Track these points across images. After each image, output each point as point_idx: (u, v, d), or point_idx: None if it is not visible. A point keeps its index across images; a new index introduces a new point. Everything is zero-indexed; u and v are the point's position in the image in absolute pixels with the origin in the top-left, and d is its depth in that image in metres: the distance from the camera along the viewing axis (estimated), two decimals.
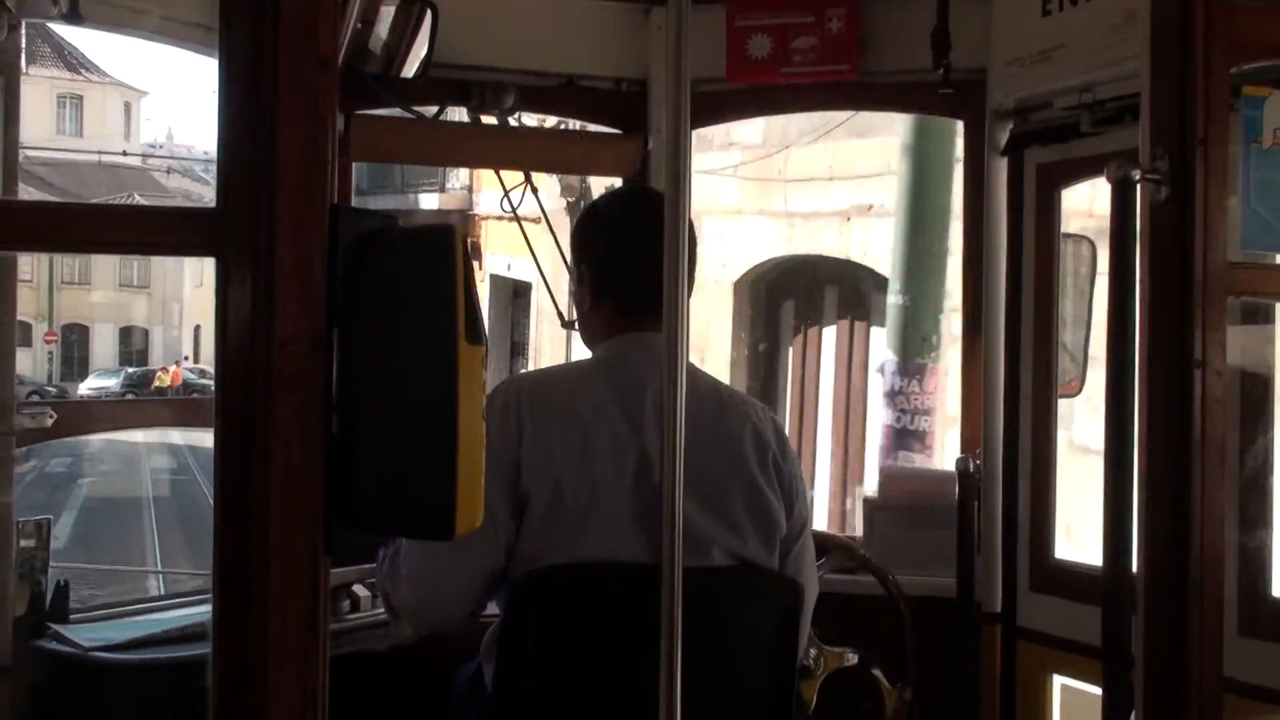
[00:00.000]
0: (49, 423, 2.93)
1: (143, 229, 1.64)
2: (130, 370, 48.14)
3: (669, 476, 2.17)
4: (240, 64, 1.62)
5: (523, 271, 16.05)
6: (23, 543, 2.92)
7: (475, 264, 2.56)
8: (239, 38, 1.63)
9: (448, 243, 1.59)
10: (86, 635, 2.82)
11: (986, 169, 3.29)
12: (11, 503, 2.87)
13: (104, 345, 54.59)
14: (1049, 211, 3.14)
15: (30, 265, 44.21)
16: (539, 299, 15.65)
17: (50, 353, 50.53)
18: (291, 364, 1.59)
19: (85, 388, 45.32)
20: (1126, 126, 2.87)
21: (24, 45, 2.98)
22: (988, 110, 3.25)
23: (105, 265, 53.56)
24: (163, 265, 51.79)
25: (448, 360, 1.57)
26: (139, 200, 52.15)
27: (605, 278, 2.53)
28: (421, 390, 1.59)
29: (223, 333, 1.63)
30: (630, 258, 2.49)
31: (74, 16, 2.89)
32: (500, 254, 16.63)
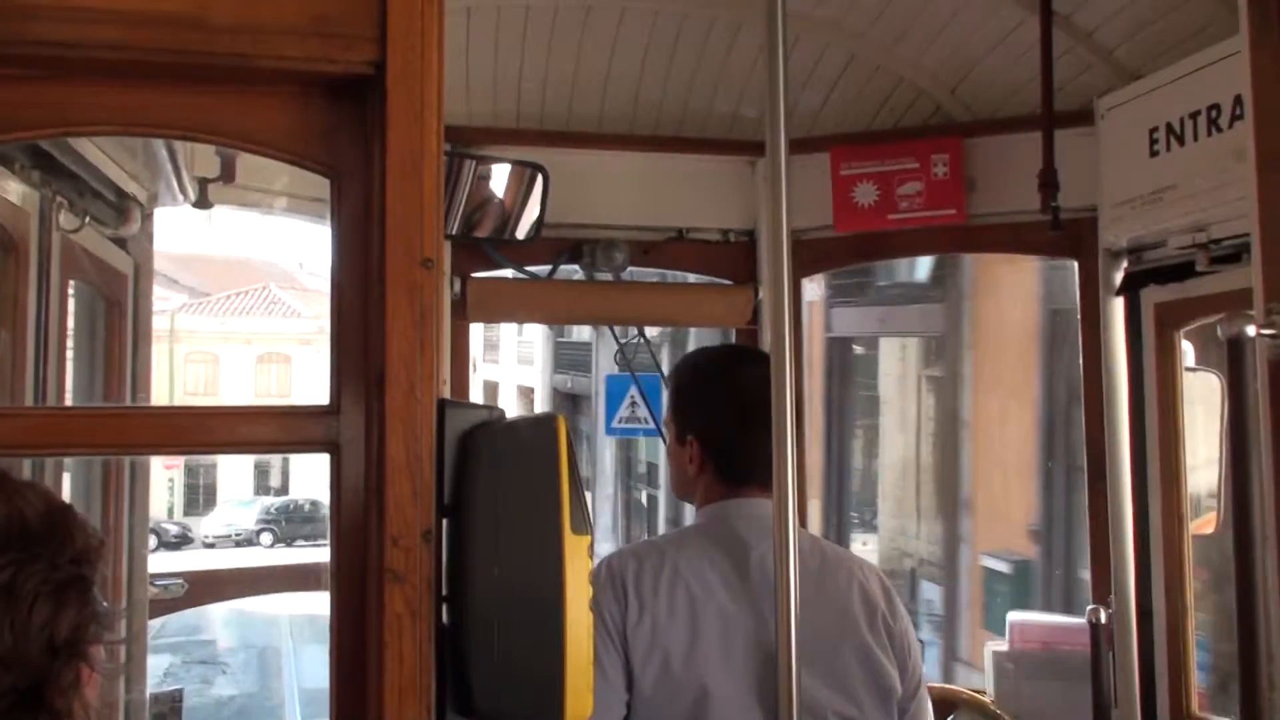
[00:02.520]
0: (180, 593, 3.00)
1: (259, 428, 1.69)
2: (268, 502, 38.64)
3: (784, 645, 2.14)
4: (349, 265, 1.68)
5: None
6: (154, 711, 2.98)
7: None
8: (349, 239, 1.68)
9: (551, 433, 1.61)
10: None
11: (1102, 308, 3.24)
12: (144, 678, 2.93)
13: (235, 470, 42.95)
14: (1169, 351, 3.07)
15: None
16: None
17: (170, 480, 40.47)
18: (402, 557, 1.62)
19: (215, 524, 36.56)
20: (1245, 265, 2.81)
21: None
22: (1100, 250, 3.21)
23: (235, 369, 45.38)
24: (306, 370, 43.48)
25: (554, 551, 1.58)
26: (274, 290, 47.09)
27: (711, 446, 2.48)
28: (529, 580, 1.60)
29: (336, 526, 1.67)
30: (737, 427, 2.44)
31: (203, 203, 3.03)
32: None
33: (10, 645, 1.24)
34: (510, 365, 27.18)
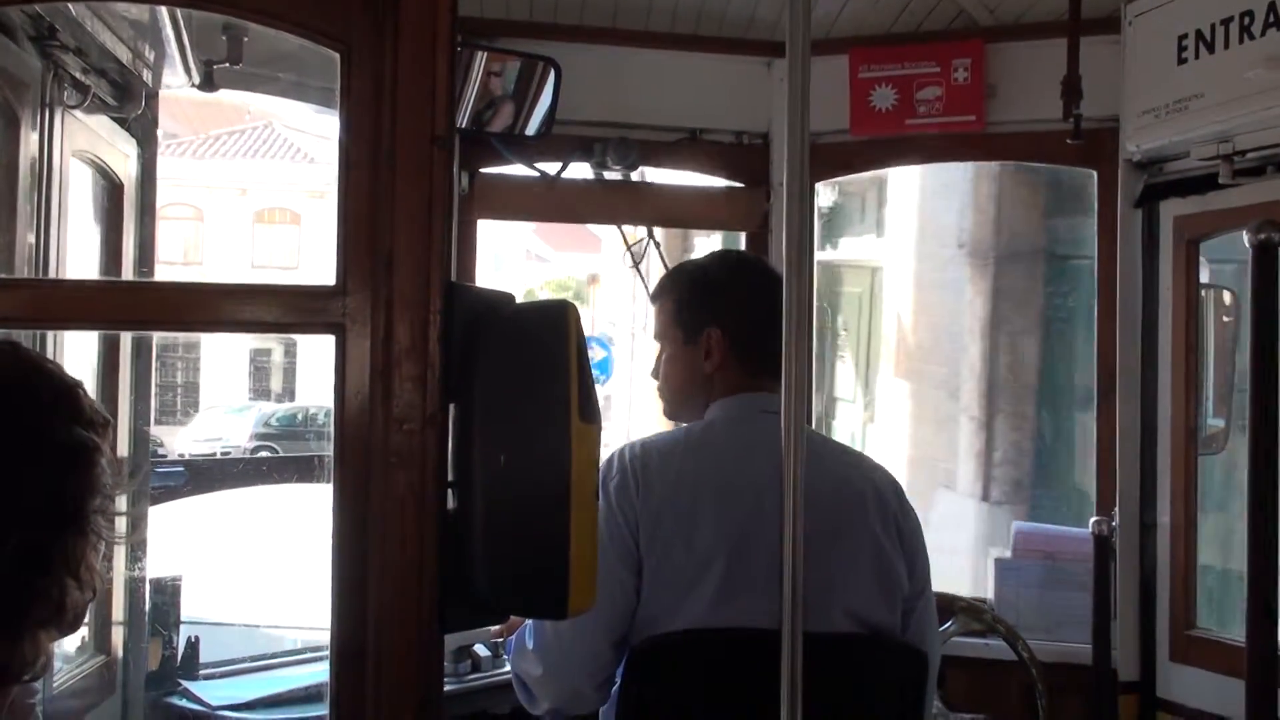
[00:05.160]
0: (181, 483, 2.99)
1: (262, 308, 1.65)
2: (268, 410, 26.29)
3: (790, 539, 2.13)
4: (358, 142, 1.63)
5: None
6: (155, 600, 2.98)
7: None
8: (358, 116, 1.64)
9: (562, 320, 1.57)
10: (215, 693, 2.86)
11: (1120, 220, 3.19)
12: (145, 560, 2.94)
13: (225, 366, 30.14)
14: (1188, 265, 3.03)
15: None
16: None
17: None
18: (407, 441, 1.59)
19: (199, 438, 24.52)
20: (1270, 178, 2.76)
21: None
22: (1120, 160, 3.16)
23: (225, 229, 31.22)
24: (318, 233, 28.64)
25: (561, 438, 1.55)
26: (279, 128, 30.75)
27: (737, 336, 2.48)
28: (535, 468, 1.57)
29: (340, 409, 1.64)
30: (768, 321, 2.44)
31: (208, 84, 2.97)
32: None
33: (20, 505, 1.24)
34: None
